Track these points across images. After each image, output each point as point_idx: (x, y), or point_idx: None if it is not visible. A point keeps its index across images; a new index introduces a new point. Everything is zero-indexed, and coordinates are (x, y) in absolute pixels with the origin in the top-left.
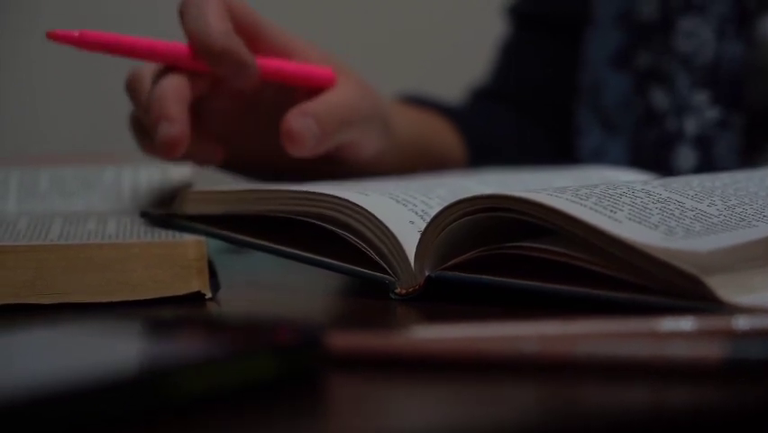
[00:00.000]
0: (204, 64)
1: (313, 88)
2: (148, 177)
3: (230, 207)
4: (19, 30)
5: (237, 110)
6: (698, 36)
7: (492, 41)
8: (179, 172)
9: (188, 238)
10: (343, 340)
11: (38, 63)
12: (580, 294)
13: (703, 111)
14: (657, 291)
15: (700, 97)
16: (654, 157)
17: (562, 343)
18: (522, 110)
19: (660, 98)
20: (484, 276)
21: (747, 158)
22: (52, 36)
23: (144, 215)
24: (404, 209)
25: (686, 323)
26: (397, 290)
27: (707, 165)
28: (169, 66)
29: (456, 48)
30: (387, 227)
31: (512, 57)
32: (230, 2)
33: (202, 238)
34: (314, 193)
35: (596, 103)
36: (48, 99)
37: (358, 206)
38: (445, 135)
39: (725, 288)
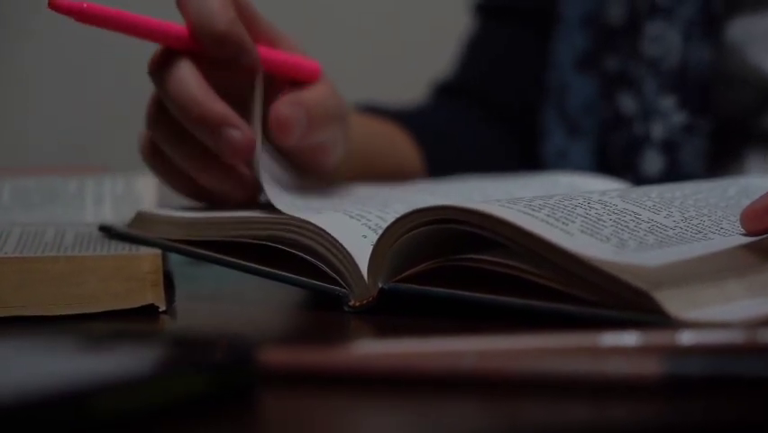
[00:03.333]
0: (202, 47)
1: (296, 81)
2: (111, 188)
3: (182, 232)
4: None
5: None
6: (664, 40)
7: (456, 37)
8: (144, 184)
9: (144, 251)
10: (276, 356)
11: (23, 73)
12: (530, 307)
13: (670, 116)
14: (607, 305)
15: (667, 102)
16: (621, 161)
17: (501, 358)
18: (486, 107)
19: (627, 102)
20: (435, 288)
21: (714, 163)
22: (55, 5)
23: (103, 229)
24: (357, 224)
25: (628, 338)
26: (351, 303)
27: (673, 170)
28: (169, 50)
29: (420, 45)
30: (338, 242)
31: (478, 52)
32: None
33: (158, 251)
34: (264, 217)
35: (561, 105)
36: (27, 109)
37: (310, 223)
38: (401, 146)
39: (674, 302)
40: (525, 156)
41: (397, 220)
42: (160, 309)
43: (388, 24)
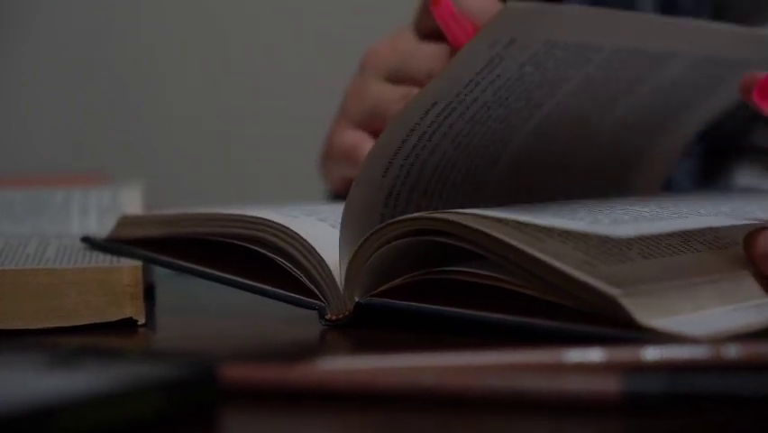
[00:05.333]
0: None
1: None
2: (97, 200)
3: (165, 230)
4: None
5: None
6: None
7: None
8: (129, 195)
9: (124, 264)
10: (238, 372)
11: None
12: (502, 321)
13: None
14: (582, 315)
15: None
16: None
17: (460, 375)
18: None
19: None
20: (410, 303)
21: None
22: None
23: (85, 240)
24: (334, 232)
25: (587, 354)
26: (328, 316)
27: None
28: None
29: None
30: (317, 252)
31: None
32: None
33: (139, 264)
34: (246, 216)
35: None
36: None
37: (290, 229)
38: None
39: (644, 310)
40: None
41: (374, 232)
42: (139, 323)
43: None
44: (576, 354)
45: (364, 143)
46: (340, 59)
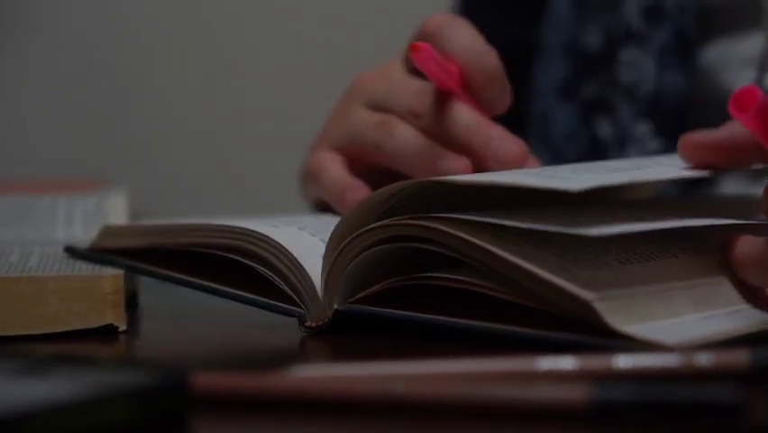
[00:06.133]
0: (464, 89)
1: None
2: (83, 207)
3: (147, 241)
4: None
5: None
6: (639, 67)
7: None
8: (114, 202)
9: (107, 272)
10: (208, 381)
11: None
12: (476, 328)
13: (645, 142)
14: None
15: (643, 129)
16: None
17: (430, 383)
18: None
19: (605, 129)
20: (387, 310)
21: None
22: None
23: (68, 249)
24: (315, 240)
25: (556, 362)
26: (307, 323)
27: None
28: (442, 91)
29: None
30: (296, 260)
31: None
32: None
33: (120, 272)
34: (226, 226)
35: (544, 133)
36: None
37: (270, 238)
38: None
39: (619, 315)
40: None
41: (352, 240)
42: (120, 330)
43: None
44: (547, 363)
45: (330, 165)
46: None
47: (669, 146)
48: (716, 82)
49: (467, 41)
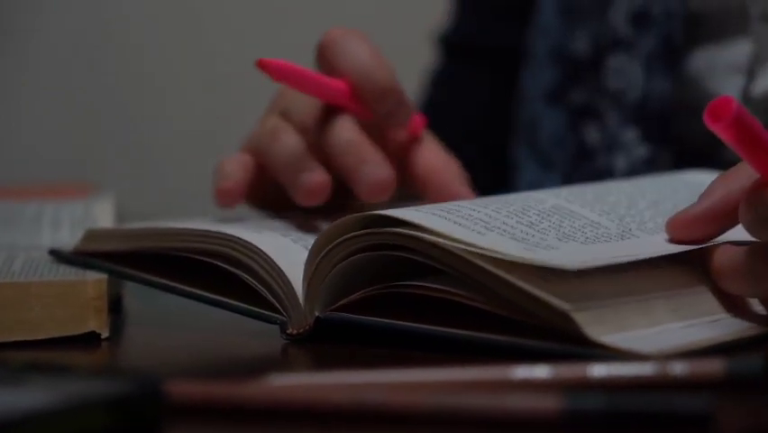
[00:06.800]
0: (356, 105)
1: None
2: (70, 213)
3: (130, 245)
4: None
5: None
6: (626, 73)
7: (420, 70)
8: (101, 208)
9: (90, 276)
10: (182, 389)
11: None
12: (454, 336)
13: (632, 148)
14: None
15: (630, 135)
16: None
17: (407, 393)
18: (453, 146)
19: (593, 135)
20: (367, 317)
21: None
22: (263, 64)
23: (53, 252)
24: (297, 247)
25: (531, 371)
26: (289, 331)
27: None
28: (330, 106)
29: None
30: (277, 266)
31: (439, 88)
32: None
33: (104, 276)
34: (209, 231)
35: (532, 138)
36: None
37: (252, 244)
38: None
39: (597, 325)
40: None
41: (332, 247)
42: (103, 336)
43: None
44: (522, 372)
45: (228, 165)
46: None
47: (656, 152)
48: (702, 88)
49: (357, 55)
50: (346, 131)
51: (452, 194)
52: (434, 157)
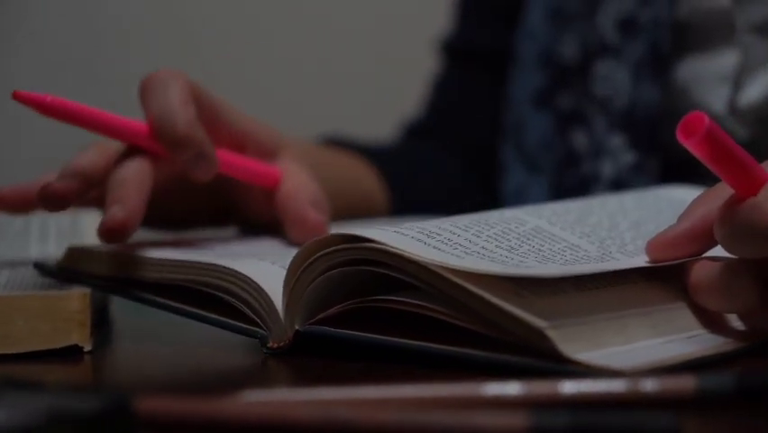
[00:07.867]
0: (161, 148)
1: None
2: (57, 225)
3: (111, 271)
4: None
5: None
6: (614, 79)
7: (424, 74)
8: (89, 220)
9: (74, 290)
10: (153, 405)
11: None
12: (428, 350)
13: (619, 155)
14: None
15: (617, 141)
16: (574, 200)
17: (375, 409)
18: (451, 148)
19: (580, 141)
20: (346, 331)
21: None
22: (19, 96)
23: (37, 266)
24: (275, 267)
25: (500, 388)
26: (269, 344)
27: None
28: (131, 147)
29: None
30: (257, 284)
31: (442, 93)
32: (193, 85)
33: (87, 290)
34: (184, 261)
35: (519, 142)
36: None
37: (227, 268)
38: (366, 180)
39: (572, 342)
40: (489, 194)
41: (312, 262)
42: (86, 350)
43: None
44: (493, 388)
45: (88, 150)
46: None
47: (643, 159)
48: (689, 97)
49: (162, 100)
50: (123, 169)
51: (304, 219)
52: (289, 183)
